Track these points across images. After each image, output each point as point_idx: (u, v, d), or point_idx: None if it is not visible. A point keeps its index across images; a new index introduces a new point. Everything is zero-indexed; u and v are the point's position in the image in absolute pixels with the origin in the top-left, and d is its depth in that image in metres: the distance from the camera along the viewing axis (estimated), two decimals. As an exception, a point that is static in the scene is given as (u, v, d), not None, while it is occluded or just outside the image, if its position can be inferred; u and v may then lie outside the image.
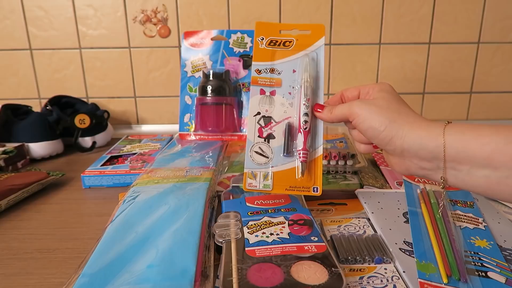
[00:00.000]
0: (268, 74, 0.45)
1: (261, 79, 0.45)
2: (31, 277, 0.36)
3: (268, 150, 0.43)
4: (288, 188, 0.42)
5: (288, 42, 0.45)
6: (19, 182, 0.51)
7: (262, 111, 0.44)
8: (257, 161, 0.43)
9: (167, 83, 0.88)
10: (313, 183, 0.42)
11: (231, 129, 0.73)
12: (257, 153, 0.43)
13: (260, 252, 0.34)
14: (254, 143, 0.43)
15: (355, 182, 0.52)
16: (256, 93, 0.44)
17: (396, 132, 0.36)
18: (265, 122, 0.44)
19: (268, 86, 0.45)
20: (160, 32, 0.85)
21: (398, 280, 0.32)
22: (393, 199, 0.46)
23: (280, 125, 0.44)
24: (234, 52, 0.77)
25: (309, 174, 0.42)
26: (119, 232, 0.36)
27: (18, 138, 0.69)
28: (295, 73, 0.45)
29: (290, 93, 0.44)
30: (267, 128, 0.44)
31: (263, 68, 0.45)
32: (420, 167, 0.36)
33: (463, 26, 0.85)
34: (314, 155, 0.43)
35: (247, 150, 0.43)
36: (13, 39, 0.85)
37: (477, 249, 0.36)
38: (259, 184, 0.42)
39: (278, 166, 0.43)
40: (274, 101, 0.44)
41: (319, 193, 0.42)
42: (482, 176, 0.32)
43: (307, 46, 0.45)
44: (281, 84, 0.45)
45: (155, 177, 0.49)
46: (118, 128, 0.89)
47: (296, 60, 0.45)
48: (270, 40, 0.45)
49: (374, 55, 0.87)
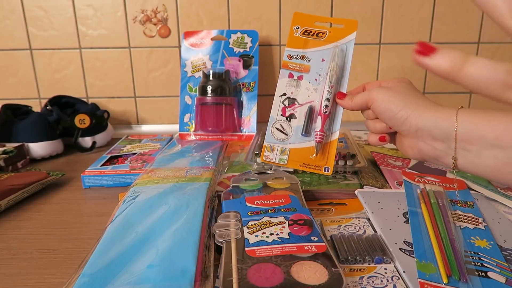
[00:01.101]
0: (298, 60, 0.48)
1: (291, 64, 0.48)
2: (31, 277, 0.36)
3: (288, 128, 0.47)
4: (301, 165, 0.46)
5: (322, 33, 0.48)
6: (19, 182, 0.51)
7: (288, 93, 0.48)
8: (277, 136, 0.47)
9: (167, 83, 0.88)
10: (325, 163, 0.46)
11: (231, 129, 0.73)
12: (278, 130, 0.47)
13: (260, 252, 0.34)
14: (276, 120, 0.47)
15: (355, 182, 0.52)
16: (285, 76, 0.48)
17: (412, 112, 0.38)
18: (289, 103, 0.47)
19: (297, 71, 0.48)
20: (160, 32, 0.85)
21: (398, 280, 0.32)
22: (393, 199, 0.46)
23: (303, 107, 0.47)
24: (234, 52, 0.77)
25: (322, 154, 0.46)
26: (119, 232, 0.36)
27: (18, 138, 0.69)
28: (324, 62, 0.47)
29: (316, 80, 0.47)
30: (290, 109, 0.47)
31: (294, 54, 0.48)
32: (433, 147, 0.38)
33: (463, 26, 0.85)
34: (330, 138, 0.46)
35: (269, 126, 0.47)
36: (13, 39, 0.85)
37: (477, 249, 0.36)
38: (275, 157, 0.46)
39: (295, 144, 0.47)
40: (301, 85, 0.47)
41: (329, 173, 0.46)
42: (491, 157, 0.33)
43: (338, 39, 0.48)
44: (309, 70, 0.47)
45: (155, 177, 0.49)
46: (118, 128, 0.89)
47: (327, 50, 0.47)
48: (305, 29, 0.48)
49: (374, 55, 0.87)
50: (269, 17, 0.84)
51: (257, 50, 0.77)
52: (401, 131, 0.40)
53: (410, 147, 0.41)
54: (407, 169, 0.56)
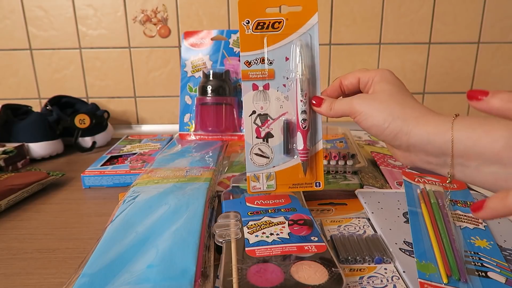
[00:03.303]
0: (259, 65, 0.41)
1: (252, 72, 0.41)
2: (31, 277, 0.36)
3: (268, 150, 0.42)
4: (291, 186, 0.42)
5: (277, 23, 0.40)
6: (19, 182, 0.51)
7: (258, 109, 0.41)
8: (258, 163, 0.42)
9: (167, 83, 0.88)
10: (315, 178, 0.42)
11: (231, 129, 0.73)
12: (257, 155, 0.42)
13: (260, 252, 0.34)
14: (253, 145, 0.42)
15: (355, 182, 0.52)
16: (249, 89, 0.41)
17: (401, 128, 0.34)
18: (261, 121, 0.42)
19: (260, 79, 0.41)
20: (160, 32, 0.85)
21: (398, 280, 0.32)
22: (393, 199, 0.46)
23: (278, 122, 0.42)
24: (234, 52, 0.77)
25: (310, 170, 0.42)
26: (119, 232, 0.36)
27: (18, 138, 0.69)
28: (288, 61, 0.41)
29: (284, 85, 0.41)
30: (264, 127, 0.42)
31: (252, 58, 0.41)
32: (427, 161, 0.35)
33: (463, 26, 0.85)
34: (314, 150, 0.42)
35: (247, 153, 0.42)
36: (13, 39, 0.85)
37: (477, 249, 0.36)
38: (262, 185, 0.42)
39: (279, 165, 0.42)
40: (269, 96, 0.41)
41: (321, 188, 0.42)
42: (490, 173, 0.31)
43: (298, 27, 0.40)
44: (274, 75, 0.41)
45: (155, 177, 0.49)
46: (118, 128, 0.89)
47: (288, 45, 0.41)
48: (257, 22, 0.40)
49: (374, 55, 0.87)
50: (269, 17, 0.84)
51: (257, 50, 0.77)
52: (392, 145, 0.38)
53: (403, 158, 0.38)
54: (407, 169, 0.56)
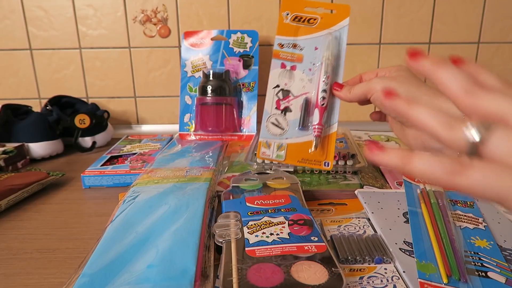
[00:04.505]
0: (290, 49, 0.46)
1: (283, 53, 0.46)
2: (31, 277, 0.36)
3: (284, 122, 0.45)
4: (300, 160, 0.45)
5: (313, 20, 0.46)
6: (19, 182, 0.51)
7: (281, 84, 0.46)
8: (272, 131, 0.45)
9: (167, 83, 0.88)
10: (325, 157, 0.45)
11: (231, 129, 0.73)
12: (273, 124, 0.45)
13: (260, 252, 0.34)
14: (271, 114, 0.46)
15: (355, 182, 0.52)
16: (277, 66, 0.46)
17: None
18: (283, 95, 0.46)
19: (289, 60, 0.45)
20: (160, 32, 0.85)
21: (398, 280, 0.32)
22: (393, 199, 0.46)
23: (298, 99, 0.45)
24: (234, 52, 0.77)
25: (322, 149, 0.44)
26: (119, 232, 0.36)
27: (18, 138, 0.69)
28: (317, 50, 0.45)
29: (310, 70, 0.45)
30: (284, 101, 0.45)
31: (285, 42, 0.46)
32: None
33: (463, 26, 0.85)
34: (328, 131, 0.45)
35: (263, 120, 0.45)
36: (13, 39, 0.85)
37: (477, 249, 0.36)
38: (272, 153, 0.45)
39: (292, 139, 0.45)
40: (294, 75, 0.45)
41: (329, 167, 0.45)
42: None
43: (331, 25, 0.46)
44: (302, 60, 0.45)
45: (155, 177, 0.49)
46: (118, 128, 0.89)
47: (319, 38, 0.45)
48: (295, 16, 0.46)
49: (374, 55, 0.87)
50: (269, 17, 0.84)
51: (257, 50, 0.77)
52: (404, 122, 0.40)
53: (414, 138, 0.40)
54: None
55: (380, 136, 0.77)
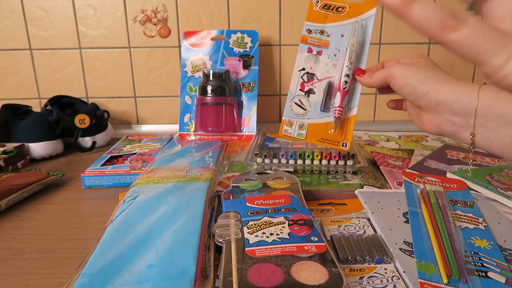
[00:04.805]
0: (317, 35, 0.48)
1: (311, 38, 0.48)
2: (31, 277, 0.36)
3: (306, 103, 0.48)
4: (319, 140, 0.48)
5: (341, 8, 0.48)
6: (19, 182, 0.51)
7: (307, 68, 0.49)
8: (296, 111, 0.48)
9: (167, 83, 0.88)
10: (343, 138, 0.48)
11: (231, 129, 0.73)
12: (297, 104, 0.48)
13: (260, 252, 0.34)
14: (295, 94, 0.49)
15: (355, 182, 0.52)
16: (304, 50, 0.49)
17: (432, 86, 0.39)
18: (307, 78, 0.48)
19: (316, 46, 0.48)
20: (160, 32, 0.85)
21: (398, 280, 0.32)
22: (393, 199, 0.46)
23: (322, 82, 0.48)
24: (234, 52, 0.77)
25: (341, 130, 0.48)
26: (119, 232, 0.36)
27: (18, 138, 0.69)
28: (343, 37, 0.48)
29: (335, 55, 0.48)
30: (309, 84, 0.48)
31: (314, 28, 0.48)
32: (451, 122, 0.39)
33: (463, 26, 0.85)
34: (348, 114, 0.48)
35: (288, 100, 0.49)
36: (13, 39, 0.85)
37: (477, 249, 0.36)
38: (294, 132, 0.48)
39: (313, 119, 0.48)
40: (320, 60, 0.48)
41: (347, 148, 0.48)
42: (508, 135, 0.35)
43: (358, 14, 0.48)
44: (328, 45, 0.48)
45: (155, 177, 0.49)
46: (118, 128, 0.89)
47: (346, 25, 0.48)
48: (325, 3, 0.48)
49: (374, 55, 0.87)
50: (269, 17, 0.84)
51: (257, 50, 0.77)
52: (421, 105, 0.41)
53: (429, 121, 0.42)
54: (407, 169, 0.56)
55: (380, 136, 0.77)
